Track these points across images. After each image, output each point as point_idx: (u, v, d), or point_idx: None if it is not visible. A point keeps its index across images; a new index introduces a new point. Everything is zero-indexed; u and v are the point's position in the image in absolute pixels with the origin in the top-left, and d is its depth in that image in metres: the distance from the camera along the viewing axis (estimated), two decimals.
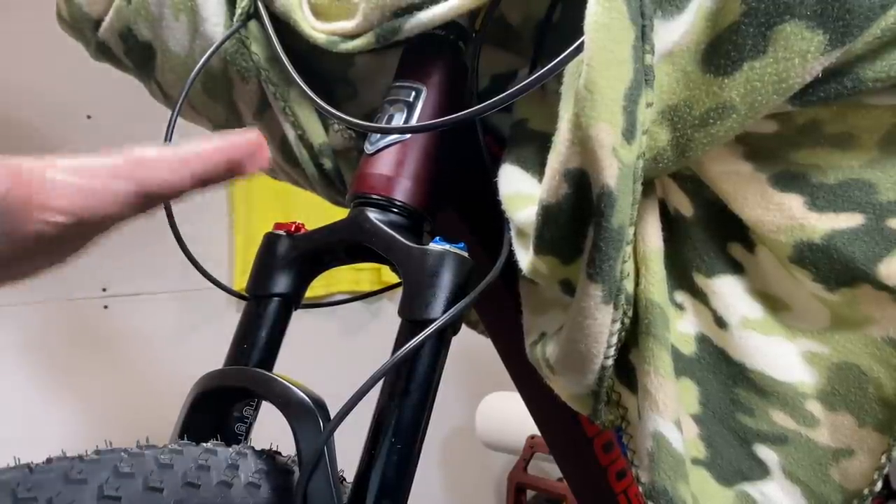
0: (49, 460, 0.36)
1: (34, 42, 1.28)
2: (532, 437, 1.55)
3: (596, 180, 0.37)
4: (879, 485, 0.39)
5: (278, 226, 0.55)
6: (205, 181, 0.33)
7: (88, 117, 1.39)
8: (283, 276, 0.54)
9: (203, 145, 0.33)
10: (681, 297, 0.47)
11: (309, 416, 0.45)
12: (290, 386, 0.47)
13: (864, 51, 0.37)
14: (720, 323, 0.45)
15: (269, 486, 0.44)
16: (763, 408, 0.43)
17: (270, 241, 0.55)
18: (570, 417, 0.65)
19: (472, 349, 0.79)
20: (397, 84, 0.55)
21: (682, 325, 0.47)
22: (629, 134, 0.37)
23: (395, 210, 0.52)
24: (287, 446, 0.47)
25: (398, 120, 0.53)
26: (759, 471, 0.43)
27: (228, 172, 0.34)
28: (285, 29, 0.56)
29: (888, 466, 0.39)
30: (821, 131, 0.41)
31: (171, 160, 0.32)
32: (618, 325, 0.41)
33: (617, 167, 0.36)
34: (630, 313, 0.42)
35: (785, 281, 0.44)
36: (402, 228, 0.52)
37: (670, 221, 0.47)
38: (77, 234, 0.30)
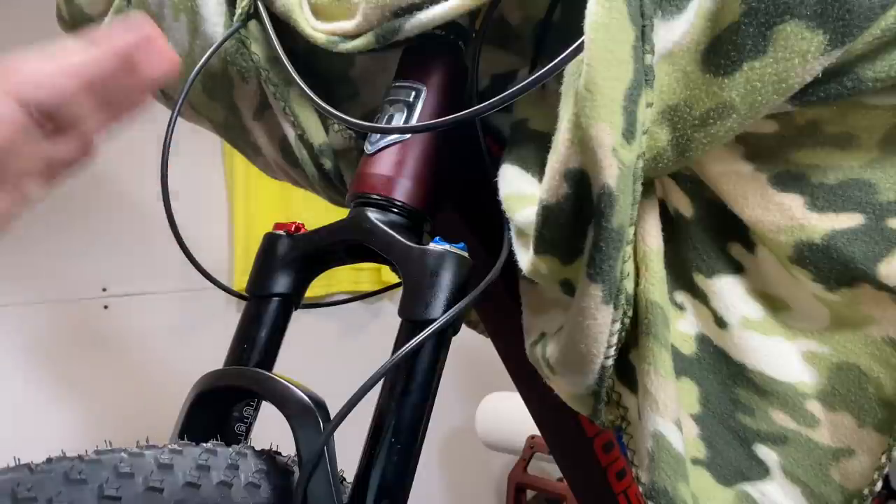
0: (49, 460, 0.36)
1: (34, 42, 1.28)
2: (532, 437, 1.55)
3: (596, 180, 0.37)
4: (879, 485, 0.39)
5: (278, 226, 0.55)
6: (104, 97, 0.30)
7: None
8: (284, 276, 0.54)
9: (87, 51, 0.30)
10: (681, 297, 0.47)
11: (309, 416, 0.45)
12: (290, 386, 0.47)
13: (864, 51, 0.37)
14: (720, 323, 0.45)
15: (269, 486, 0.44)
16: (763, 408, 0.43)
17: (270, 241, 0.55)
18: (571, 417, 0.65)
19: (472, 349, 0.79)
20: (397, 84, 0.55)
21: (683, 325, 0.47)
22: (629, 134, 0.37)
23: (395, 210, 0.52)
24: (287, 446, 0.47)
25: (398, 120, 0.53)
26: (759, 471, 0.43)
27: (126, 75, 0.31)
28: (285, 29, 0.56)
29: (888, 466, 0.39)
30: (821, 131, 0.41)
31: (54, 71, 0.30)
32: (618, 326, 0.41)
33: (617, 167, 0.36)
34: (630, 313, 0.42)
35: (785, 281, 0.44)
36: (402, 228, 0.52)
37: (670, 221, 0.47)
38: None
